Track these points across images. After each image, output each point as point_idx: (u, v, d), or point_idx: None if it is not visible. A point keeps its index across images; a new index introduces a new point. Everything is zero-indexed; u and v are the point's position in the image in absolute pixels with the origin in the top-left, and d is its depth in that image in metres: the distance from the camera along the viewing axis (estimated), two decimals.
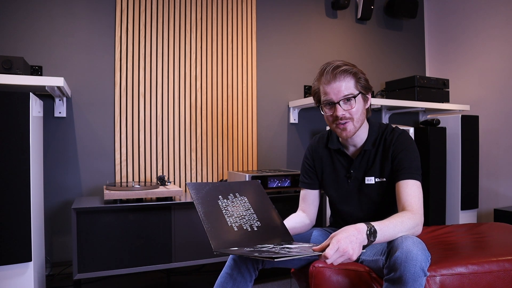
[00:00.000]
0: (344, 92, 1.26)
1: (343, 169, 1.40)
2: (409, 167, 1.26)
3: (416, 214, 1.18)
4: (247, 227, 1.23)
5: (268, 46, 2.79)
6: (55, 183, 2.21)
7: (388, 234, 1.09)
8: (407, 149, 1.29)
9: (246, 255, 1.03)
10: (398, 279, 1.01)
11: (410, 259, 1.00)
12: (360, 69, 1.31)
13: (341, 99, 1.27)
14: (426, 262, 1.02)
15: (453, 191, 2.77)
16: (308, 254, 1.03)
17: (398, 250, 1.03)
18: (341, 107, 1.27)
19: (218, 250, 1.10)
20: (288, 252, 1.03)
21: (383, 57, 3.28)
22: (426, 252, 1.05)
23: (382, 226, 1.09)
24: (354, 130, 1.31)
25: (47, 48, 2.20)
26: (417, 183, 1.25)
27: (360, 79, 1.29)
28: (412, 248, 1.02)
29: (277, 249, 1.09)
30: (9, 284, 1.52)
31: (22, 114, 1.52)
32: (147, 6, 2.43)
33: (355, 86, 1.28)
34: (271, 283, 2.19)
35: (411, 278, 0.99)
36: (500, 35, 2.91)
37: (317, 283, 1.23)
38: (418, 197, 1.22)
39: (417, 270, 1.00)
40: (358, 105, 1.29)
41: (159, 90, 2.45)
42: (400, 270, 1.00)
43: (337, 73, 1.26)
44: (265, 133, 2.77)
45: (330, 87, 1.27)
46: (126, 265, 1.88)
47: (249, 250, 1.09)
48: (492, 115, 2.95)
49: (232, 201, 1.29)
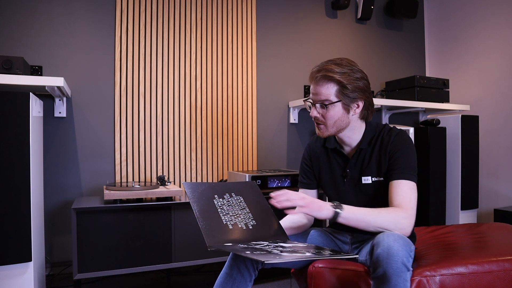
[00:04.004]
0: (321, 97, 1.28)
1: (339, 168, 1.40)
2: (404, 167, 1.26)
3: (404, 212, 1.18)
4: (242, 225, 1.23)
5: (268, 46, 2.79)
6: (55, 183, 2.21)
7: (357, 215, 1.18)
8: (404, 149, 1.29)
9: (238, 252, 1.03)
10: (382, 276, 1.02)
11: (391, 255, 1.01)
12: (354, 77, 1.25)
13: (318, 102, 1.29)
14: (408, 258, 1.03)
15: (453, 191, 2.77)
16: (299, 259, 1.04)
17: (379, 247, 1.04)
18: (315, 109, 1.30)
19: (212, 246, 1.11)
20: (281, 251, 1.05)
21: (383, 57, 3.29)
22: (407, 248, 1.05)
23: (350, 207, 1.19)
24: (327, 133, 1.32)
25: (47, 48, 2.20)
26: (410, 184, 1.24)
27: (346, 86, 1.24)
28: (393, 244, 1.03)
29: (270, 247, 1.10)
30: (9, 284, 1.52)
31: (22, 114, 1.52)
32: (147, 6, 2.43)
33: (335, 93, 1.25)
34: (271, 283, 2.19)
35: (395, 274, 1.00)
36: (500, 35, 2.91)
37: (317, 283, 1.23)
38: (409, 197, 1.22)
39: (399, 265, 1.00)
40: (334, 112, 1.27)
41: (159, 90, 2.45)
42: (383, 267, 1.01)
43: (318, 77, 1.27)
44: (265, 133, 2.77)
45: (313, 87, 1.31)
46: (126, 265, 1.88)
47: (242, 246, 1.10)
48: (492, 115, 2.95)
49: (227, 200, 1.30)
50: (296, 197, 1.18)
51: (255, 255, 1.00)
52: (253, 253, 1.01)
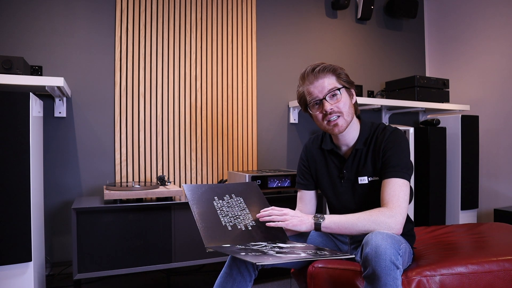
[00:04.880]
0: (328, 87, 1.30)
1: (336, 169, 1.41)
2: (396, 165, 1.25)
3: (391, 211, 1.18)
4: (241, 227, 1.24)
5: (268, 46, 2.79)
6: (55, 183, 2.21)
7: (338, 223, 1.21)
8: (396, 147, 1.29)
9: (235, 254, 1.04)
10: (372, 275, 1.02)
11: (379, 254, 1.01)
12: (339, 66, 1.34)
13: (326, 95, 1.30)
14: (396, 256, 1.03)
15: (453, 191, 2.77)
16: (293, 260, 1.05)
17: (368, 246, 1.05)
18: (328, 102, 1.30)
19: (210, 247, 1.11)
20: (277, 252, 1.05)
21: (383, 57, 3.29)
22: (396, 246, 1.05)
23: (332, 216, 1.23)
24: (346, 124, 1.32)
25: (47, 48, 2.20)
26: (400, 181, 1.23)
27: (340, 74, 1.33)
28: (381, 243, 1.03)
29: (268, 248, 1.10)
30: (9, 284, 1.52)
31: (22, 114, 1.52)
32: (147, 6, 2.43)
33: (337, 81, 1.32)
34: (271, 283, 2.19)
35: (384, 273, 1.00)
36: (500, 35, 2.91)
37: (317, 283, 1.23)
38: (398, 195, 1.21)
39: (387, 264, 1.00)
40: (344, 98, 1.31)
41: (159, 90, 2.45)
42: (371, 266, 1.02)
43: (317, 72, 1.31)
44: (265, 133, 2.77)
45: (314, 86, 1.31)
46: (126, 265, 1.88)
47: (240, 248, 1.10)
48: (492, 115, 2.95)
49: (227, 201, 1.31)
50: (277, 214, 1.27)
51: (248, 256, 1.00)
52: (247, 255, 1.02)
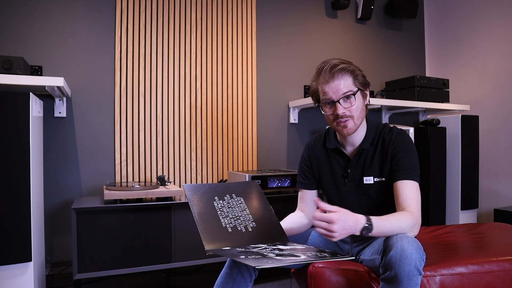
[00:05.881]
0: (343, 90, 1.26)
1: (340, 168, 1.40)
2: (408, 168, 1.26)
3: (414, 215, 1.19)
4: (241, 228, 1.23)
5: (268, 46, 2.79)
6: (55, 183, 2.21)
7: (384, 231, 1.12)
8: (406, 149, 1.29)
9: (234, 257, 1.03)
10: (393, 278, 1.01)
11: (405, 258, 1.01)
12: (357, 66, 1.30)
13: (340, 98, 1.27)
14: (421, 261, 1.03)
15: (453, 191, 2.77)
16: (292, 263, 1.04)
17: (393, 249, 1.04)
18: (341, 105, 1.27)
19: (210, 250, 1.11)
20: (277, 255, 1.05)
21: (383, 57, 3.28)
22: (421, 251, 1.05)
23: (379, 223, 1.11)
24: (355, 127, 1.30)
25: (47, 48, 2.20)
26: (415, 184, 1.25)
27: (358, 76, 1.29)
28: (407, 247, 1.03)
29: (267, 251, 1.10)
30: (9, 284, 1.52)
31: (22, 114, 1.52)
32: (147, 6, 2.43)
33: (353, 83, 1.28)
34: (271, 283, 2.19)
35: (406, 277, 1.00)
36: (500, 35, 2.91)
37: (317, 283, 1.23)
38: (416, 198, 1.23)
39: (411, 269, 1.00)
40: (358, 102, 1.29)
41: (159, 90, 2.45)
42: (395, 269, 1.01)
43: (335, 72, 1.26)
44: (265, 133, 2.77)
45: (329, 86, 1.27)
46: (126, 265, 1.88)
47: (240, 250, 1.10)
48: (492, 115, 2.95)
49: (228, 202, 1.29)
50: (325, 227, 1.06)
51: (248, 259, 1.00)
52: (247, 258, 1.01)
